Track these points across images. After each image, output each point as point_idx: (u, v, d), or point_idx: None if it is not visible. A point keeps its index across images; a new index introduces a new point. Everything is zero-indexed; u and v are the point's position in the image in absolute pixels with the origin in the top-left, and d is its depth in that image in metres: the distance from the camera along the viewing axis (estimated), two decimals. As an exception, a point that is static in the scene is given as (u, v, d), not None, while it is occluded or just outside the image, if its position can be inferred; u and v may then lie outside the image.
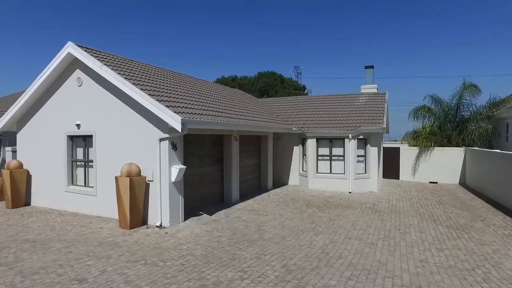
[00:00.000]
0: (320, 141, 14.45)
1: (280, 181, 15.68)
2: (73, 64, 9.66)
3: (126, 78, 8.48)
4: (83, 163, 9.95)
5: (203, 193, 10.21)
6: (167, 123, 7.75)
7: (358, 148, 13.88)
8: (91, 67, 8.94)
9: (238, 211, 9.89)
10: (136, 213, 8.01)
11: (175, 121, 7.54)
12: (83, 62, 9.13)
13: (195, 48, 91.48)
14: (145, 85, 8.76)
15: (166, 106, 7.88)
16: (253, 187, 13.45)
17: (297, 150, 15.47)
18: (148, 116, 8.20)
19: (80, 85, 9.57)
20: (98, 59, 8.97)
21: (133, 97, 8.21)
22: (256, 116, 13.09)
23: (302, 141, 15.22)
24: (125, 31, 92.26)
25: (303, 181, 14.93)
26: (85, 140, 9.80)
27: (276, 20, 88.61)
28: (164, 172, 8.10)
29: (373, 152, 13.90)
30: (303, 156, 15.21)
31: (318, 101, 17.40)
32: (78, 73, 9.60)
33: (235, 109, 12.00)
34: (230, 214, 9.55)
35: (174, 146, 8.22)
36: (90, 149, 9.64)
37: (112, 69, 8.67)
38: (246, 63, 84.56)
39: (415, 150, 17.48)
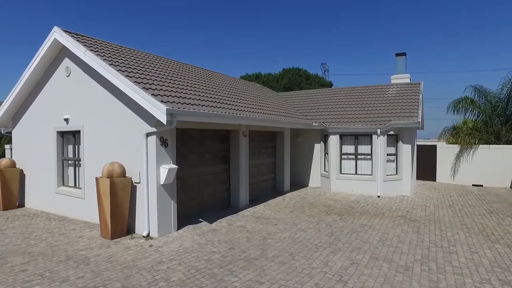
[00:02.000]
0: (344, 137, 12.75)
1: (300, 182, 14.13)
2: (62, 52, 8.71)
3: (112, 64, 7.35)
4: (73, 162, 8.99)
5: (205, 196, 8.92)
6: (153, 115, 6.50)
7: (388, 145, 12.05)
8: (76, 53, 7.91)
9: (244, 219, 8.50)
10: (120, 220, 6.84)
11: (160, 111, 6.28)
12: (70, 50, 8.12)
13: (220, 47, 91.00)
14: (134, 72, 7.59)
15: (153, 95, 6.64)
16: (267, 190, 12.01)
17: (318, 148, 13.84)
18: (135, 108, 7.01)
19: (69, 75, 8.59)
20: (85, 45, 7.92)
21: (116, 84, 7.06)
22: (271, 109, 11.64)
23: (324, 138, 13.59)
24: (148, 34, 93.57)
25: (325, 182, 13.30)
26: (75, 137, 8.83)
27: (303, 18, 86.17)
28: (151, 172, 6.87)
29: (405, 150, 12.02)
30: (325, 155, 13.57)
31: (343, 93, 15.63)
32: (66, 62, 8.63)
33: (245, 101, 10.62)
34: (234, 222, 8.19)
35: (163, 142, 6.98)
36: (79, 146, 8.64)
37: (98, 55, 7.57)
38: (271, 61, 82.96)
39: (455, 148, 15.28)
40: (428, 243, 6.57)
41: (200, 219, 8.26)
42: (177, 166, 7.09)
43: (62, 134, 9.06)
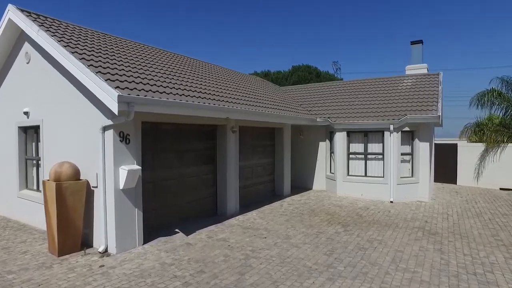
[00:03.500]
0: (352, 134, 11.29)
1: (302, 185, 12.72)
2: (22, 36, 7.57)
3: (68, 46, 6.15)
4: (36, 162, 7.85)
5: (184, 202, 7.64)
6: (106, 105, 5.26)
7: (402, 143, 10.53)
8: (30, 34, 6.76)
9: (229, 229, 7.18)
10: (71, 232, 5.62)
11: (111, 99, 5.03)
12: (25, 31, 6.98)
13: (230, 44, 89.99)
14: (93, 56, 6.36)
15: (108, 79, 5.40)
16: (264, 193, 10.66)
17: (323, 146, 12.41)
18: (91, 97, 5.78)
19: (28, 62, 7.45)
20: (42, 25, 6.75)
21: (66, 67, 5.89)
22: (268, 103, 10.27)
23: (330, 135, 12.15)
24: (160, 32, 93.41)
25: (331, 185, 11.86)
26: (37, 133, 7.68)
27: (316, 16, 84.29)
28: (108, 175, 5.63)
29: (423, 148, 10.46)
30: (330, 154, 12.13)
31: (351, 86, 14.11)
32: (26, 47, 7.49)
33: (236, 93, 9.28)
34: (215, 233, 6.88)
35: (124, 138, 5.72)
36: (39, 143, 7.49)
37: (52, 35, 6.38)
38: (282, 60, 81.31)
39: (479, 147, 13.59)
40: (455, 267, 5.10)
41: (177, 230, 6.99)
42: (140, 167, 5.83)
43: (25, 130, 7.94)
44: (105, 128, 5.63)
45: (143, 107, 5.40)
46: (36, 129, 7.58)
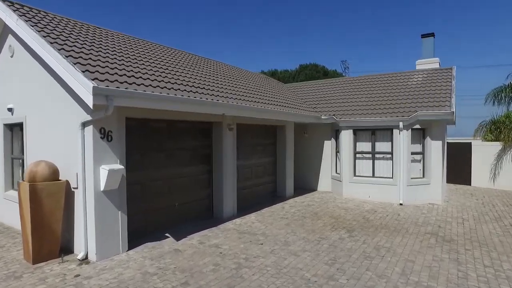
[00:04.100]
0: (358, 133, 10.65)
1: (306, 186, 12.12)
2: (6, 29, 7.16)
3: (47, 36, 5.69)
4: (21, 161, 7.44)
5: (176, 205, 7.13)
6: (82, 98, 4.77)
7: (412, 142, 9.86)
8: (10, 25, 6.34)
9: (223, 234, 6.64)
10: (47, 238, 5.15)
11: (85, 91, 4.55)
12: (5, 21, 6.56)
13: (239, 42, 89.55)
14: (76, 47, 5.88)
15: (87, 71, 4.93)
16: (265, 195, 10.10)
17: (328, 145, 11.79)
18: (71, 91, 5.29)
19: (12, 56, 7.04)
20: (23, 15, 6.32)
21: (43, 57, 5.44)
22: (268, 99, 9.70)
23: (335, 134, 11.53)
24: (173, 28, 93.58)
25: (336, 186, 11.24)
26: (22, 130, 7.27)
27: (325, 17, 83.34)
28: (88, 175, 5.16)
29: (435, 147, 9.77)
30: (336, 154, 11.51)
31: (358, 82, 13.44)
32: (10, 40, 7.08)
33: (234, 89, 8.73)
34: (208, 239, 6.35)
35: (105, 135, 5.24)
36: (23, 141, 7.07)
37: (33, 25, 5.94)
38: (289, 59, 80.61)
39: (495, 146, 12.79)
40: (475, 282, 4.47)
41: (168, 234, 6.49)
42: (123, 167, 5.34)
43: (10, 128, 7.55)
44: (84, 124, 5.15)
45: (124, 101, 4.91)
46: (21, 126, 7.16)
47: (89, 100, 4.46)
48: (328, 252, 5.62)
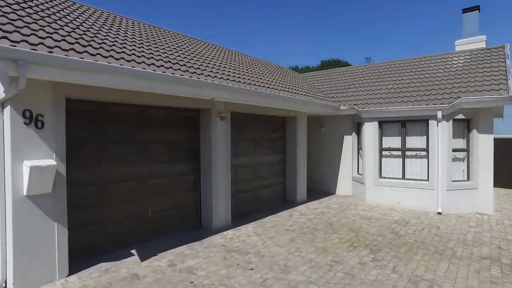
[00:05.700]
0: (385, 125, 8.82)
1: (323, 188, 10.39)
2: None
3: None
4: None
5: (150, 212, 5.66)
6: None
7: (454, 136, 7.93)
8: None
9: (205, 252, 5.10)
10: (-45, 259, 3.81)
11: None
12: None
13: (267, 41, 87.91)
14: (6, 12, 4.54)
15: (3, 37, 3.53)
16: (271, 200, 8.47)
17: (349, 141, 10.02)
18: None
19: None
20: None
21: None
22: (275, 85, 8.01)
23: (357, 127, 9.75)
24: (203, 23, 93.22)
25: (358, 189, 9.45)
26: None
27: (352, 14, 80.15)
28: (7, 173, 3.78)
29: (483, 143, 7.79)
30: (358, 151, 9.72)
31: (384, 68, 11.50)
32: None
33: (227, 70, 7.10)
34: (183, 259, 4.83)
35: (33, 120, 3.84)
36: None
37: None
38: (312, 56, 77.98)
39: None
40: None
41: (134, 251, 5.04)
42: (55, 163, 3.91)
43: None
44: (3, 105, 3.78)
45: (46, 70, 3.48)
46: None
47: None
48: (342, 286, 3.95)
